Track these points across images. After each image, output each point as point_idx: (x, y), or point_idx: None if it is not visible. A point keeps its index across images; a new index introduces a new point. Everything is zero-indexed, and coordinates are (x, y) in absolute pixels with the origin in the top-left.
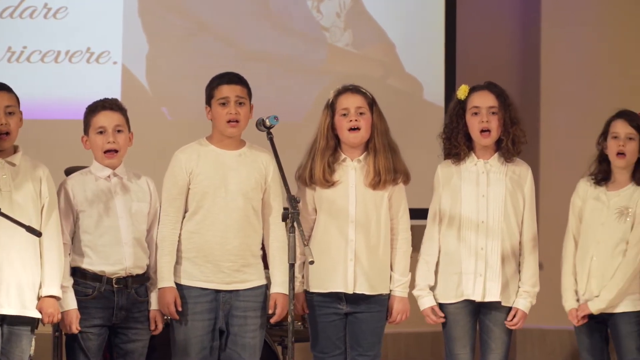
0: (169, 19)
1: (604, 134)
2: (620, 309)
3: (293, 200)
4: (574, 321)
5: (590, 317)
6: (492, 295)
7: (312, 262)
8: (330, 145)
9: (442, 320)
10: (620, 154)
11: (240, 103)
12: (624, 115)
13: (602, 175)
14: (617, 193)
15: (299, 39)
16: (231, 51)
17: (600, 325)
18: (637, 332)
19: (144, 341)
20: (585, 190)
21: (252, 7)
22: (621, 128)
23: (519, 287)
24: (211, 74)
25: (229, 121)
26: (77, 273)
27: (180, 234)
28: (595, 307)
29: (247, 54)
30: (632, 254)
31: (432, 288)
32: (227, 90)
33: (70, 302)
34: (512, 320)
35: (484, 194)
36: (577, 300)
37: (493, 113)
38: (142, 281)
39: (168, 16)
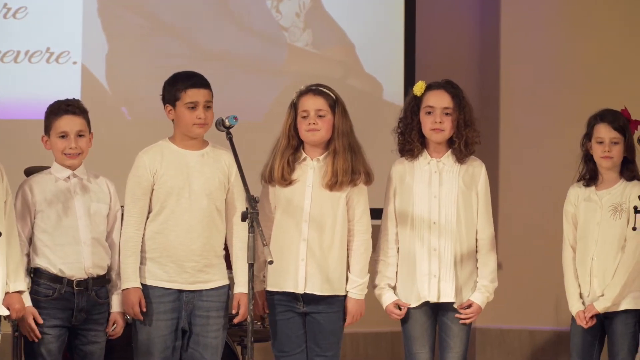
0: (129, 19)
1: (588, 135)
2: (621, 306)
3: (252, 200)
4: (582, 323)
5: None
6: (447, 296)
7: (271, 262)
8: (291, 145)
9: (405, 312)
10: (606, 157)
11: (208, 107)
12: (607, 118)
13: (590, 174)
14: (608, 191)
15: (259, 39)
16: (191, 51)
17: (595, 330)
18: (633, 333)
19: (102, 342)
20: (575, 195)
21: (211, 6)
22: (605, 133)
23: (476, 282)
24: (171, 73)
25: (195, 124)
26: (37, 274)
27: (144, 235)
28: (601, 306)
29: (206, 54)
30: (631, 248)
31: (393, 288)
32: (196, 95)
33: (27, 302)
34: (465, 311)
35: (435, 195)
36: (583, 303)
37: (447, 114)
38: (103, 283)
39: (127, 16)
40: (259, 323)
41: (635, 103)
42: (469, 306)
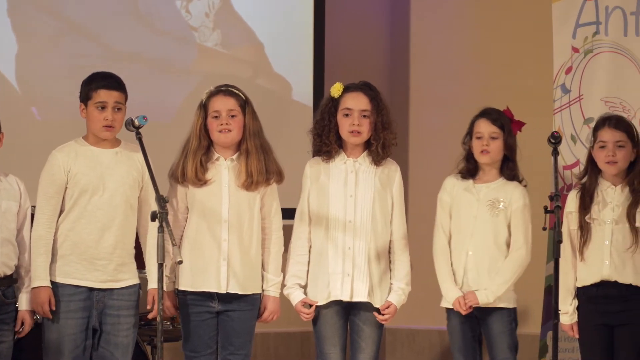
0: (39, 19)
1: (470, 134)
2: (495, 305)
3: (161, 200)
4: (461, 310)
5: (465, 316)
6: (360, 295)
7: (180, 262)
8: (202, 145)
9: (313, 310)
10: (484, 152)
11: (117, 109)
12: (487, 114)
13: (470, 173)
14: (487, 186)
15: (168, 39)
16: (101, 51)
17: (473, 325)
18: (510, 331)
19: (9, 342)
20: (452, 185)
21: (121, 7)
22: (484, 128)
23: (391, 284)
24: (81, 73)
25: (104, 126)
26: None
27: (56, 233)
28: (484, 300)
29: (116, 54)
30: (521, 253)
31: (304, 287)
32: (107, 96)
33: None
34: (384, 310)
35: (351, 194)
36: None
37: (365, 116)
38: (10, 283)
39: (38, 16)
40: (168, 322)
41: (540, 103)
42: (387, 307)
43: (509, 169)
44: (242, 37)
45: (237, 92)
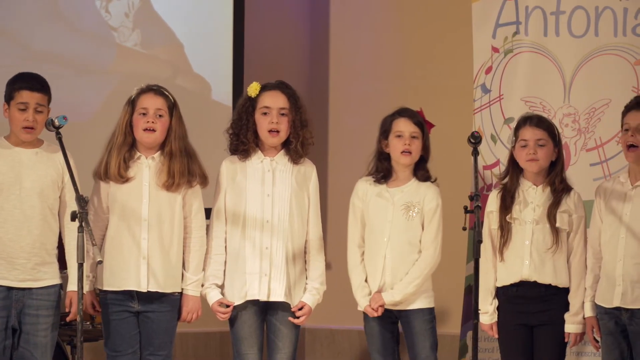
0: None
1: (385, 132)
2: (414, 305)
3: (81, 200)
4: (372, 314)
5: (382, 317)
6: (277, 295)
7: (100, 262)
8: (127, 142)
9: (230, 310)
10: (406, 152)
11: (39, 111)
12: (406, 113)
13: (383, 173)
14: (401, 189)
15: (88, 39)
16: (20, 51)
17: (391, 326)
18: (431, 330)
19: None
20: (364, 190)
21: (41, 6)
22: (405, 127)
23: (306, 284)
24: (0, 73)
25: (24, 127)
26: None
27: None
28: (389, 299)
29: (36, 54)
30: (429, 253)
31: (221, 287)
32: (28, 97)
33: None
34: (298, 312)
35: (269, 194)
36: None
37: (283, 114)
38: None
39: None
40: (88, 322)
41: (460, 103)
42: (301, 308)
43: (423, 170)
44: (162, 37)
45: (167, 93)
